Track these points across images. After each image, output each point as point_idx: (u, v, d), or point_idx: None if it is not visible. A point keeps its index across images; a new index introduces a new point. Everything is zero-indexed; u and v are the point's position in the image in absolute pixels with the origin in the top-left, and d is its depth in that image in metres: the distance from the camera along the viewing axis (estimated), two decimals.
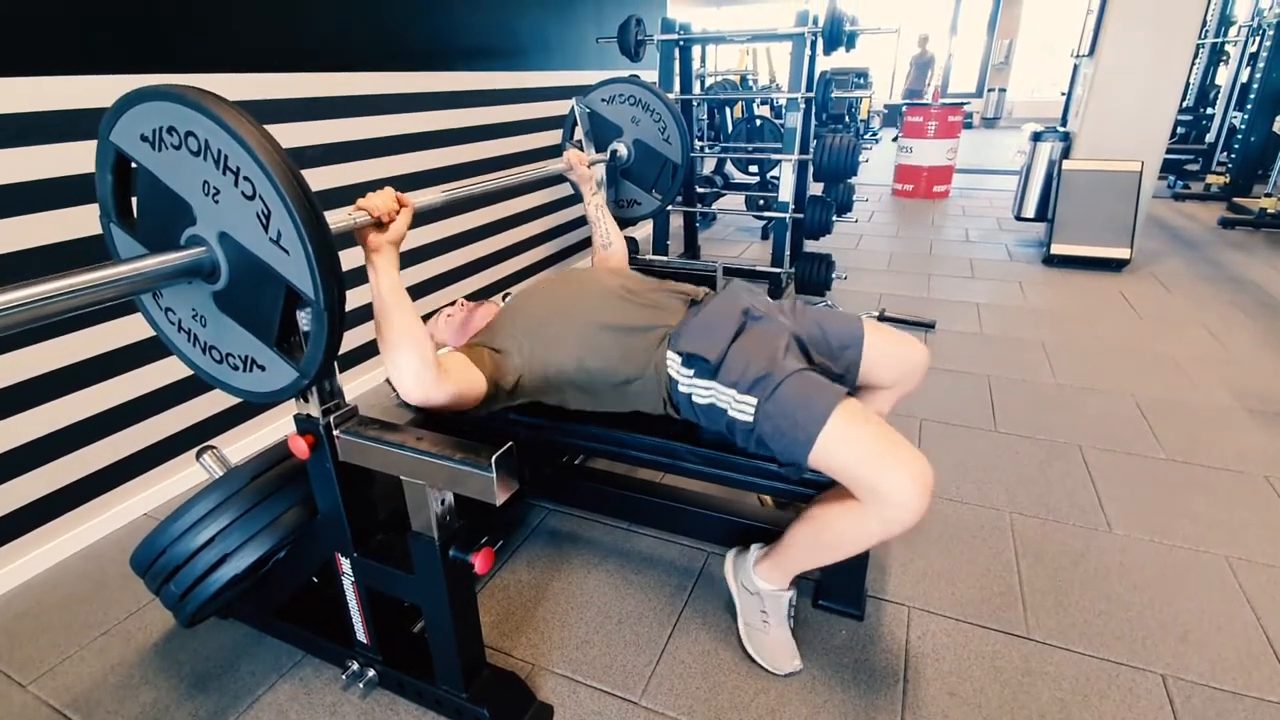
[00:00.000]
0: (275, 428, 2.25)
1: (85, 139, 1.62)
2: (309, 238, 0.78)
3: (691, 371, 1.27)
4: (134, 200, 0.95)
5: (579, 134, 2.29)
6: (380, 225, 1.11)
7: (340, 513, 1.15)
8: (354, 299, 1.05)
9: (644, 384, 1.33)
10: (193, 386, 1.97)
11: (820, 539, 1.24)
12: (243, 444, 2.15)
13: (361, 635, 1.29)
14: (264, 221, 0.80)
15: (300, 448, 1.07)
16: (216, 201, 0.83)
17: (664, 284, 1.49)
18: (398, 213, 1.13)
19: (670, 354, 1.30)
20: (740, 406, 1.21)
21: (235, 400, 2.10)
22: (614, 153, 2.24)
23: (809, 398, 1.17)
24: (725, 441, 1.37)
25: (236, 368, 0.96)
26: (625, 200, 2.32)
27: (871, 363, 1.41)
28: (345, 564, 1.21)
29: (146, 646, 1.45)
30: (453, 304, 1.66)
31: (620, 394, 1.36)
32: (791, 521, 1.33)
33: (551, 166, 1.89)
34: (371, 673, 1.30)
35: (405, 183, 2.67)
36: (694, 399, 1.28)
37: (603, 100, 2.25)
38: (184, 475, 1.98)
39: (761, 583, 1.39)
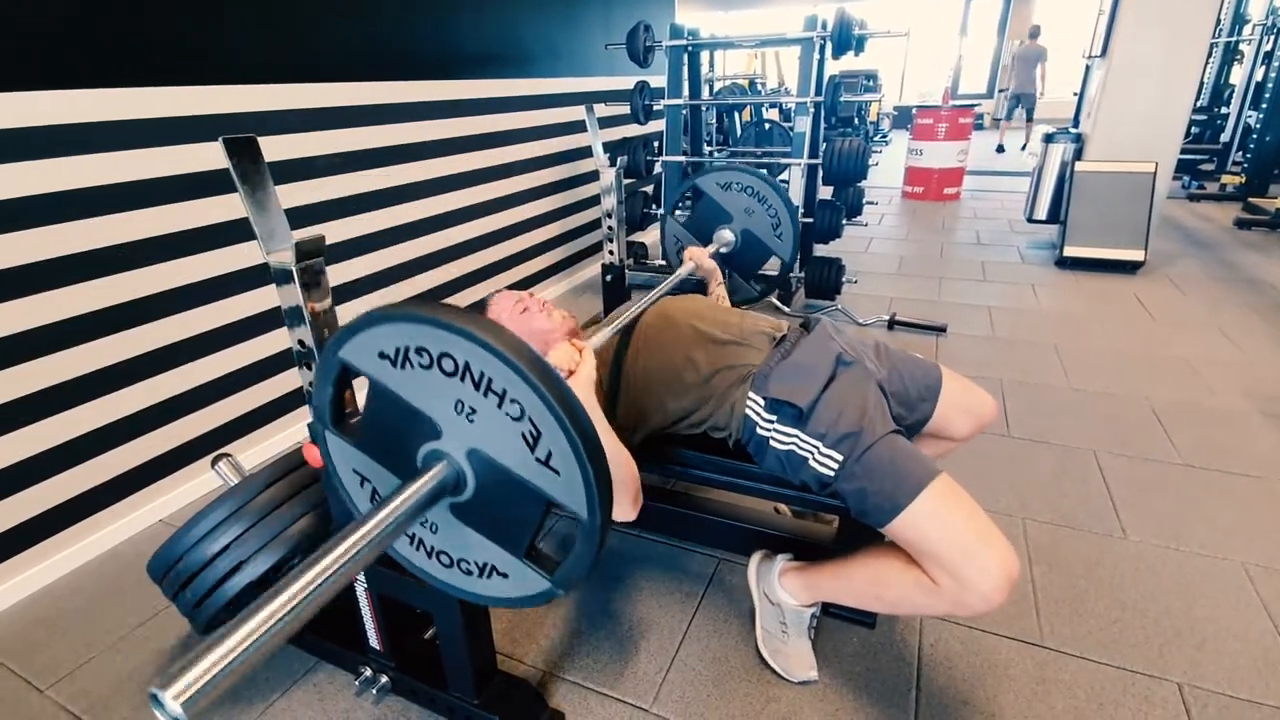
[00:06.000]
0: (290, 434, 2.27)
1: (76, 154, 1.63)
2: (589, 462, 0.73)
3: (775, 417, 1.22)
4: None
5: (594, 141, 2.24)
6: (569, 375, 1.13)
7: None
8: None
9: (717, 421, 1.30)
10: (207, 394, 2.00)
11: (882, 595, 1.19)
12: (258, 449, 2.17)
13: (374, 642, 1.30)
14: (530, 442, 0.75)
15: (314, 456, 1.08)
16: (471, 420, 0.78)
17: (746, 316, 1.43)
18: (579, 361, 1.15)
19: (752, 395, 1.25)
20: (824, 460, 1.17)
21: (249, 407, 2.13)
22: (721, 240, 2.28)
23: (901, 468, 1.11)
24: (741, 451, 1.36)
25: (470, 573, 0.91)
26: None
27: (948, 415, 1.36)
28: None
29: (163, 652, 1.47)
30: (502, 290, 1.53)
31: (693, 427, 1.34)
32: (818, 534, 1.29)
33: (680, 270, 1.86)
34: (384, 679, 1.30)
35: (416, 190, 2.69)
36: (771, 443, 1.23)
37: (719, 185, 2.23)
38: (199, 481, 2.01)
39: (786, 596, 1.38)
